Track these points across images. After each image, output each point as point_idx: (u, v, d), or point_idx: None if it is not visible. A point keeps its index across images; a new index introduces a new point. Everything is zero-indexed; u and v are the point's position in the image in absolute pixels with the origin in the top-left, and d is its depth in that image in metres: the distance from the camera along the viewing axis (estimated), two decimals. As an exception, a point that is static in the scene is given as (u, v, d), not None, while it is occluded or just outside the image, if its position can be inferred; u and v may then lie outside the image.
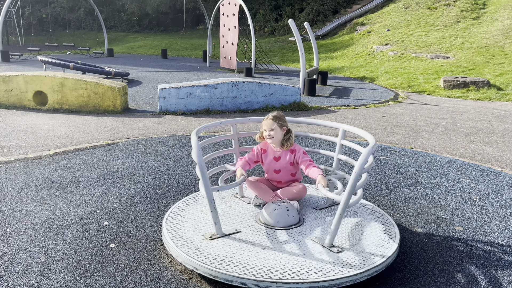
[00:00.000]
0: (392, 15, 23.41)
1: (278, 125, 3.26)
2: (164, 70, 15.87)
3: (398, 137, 6.62)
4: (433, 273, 2.77)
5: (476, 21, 19.61)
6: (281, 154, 3.37)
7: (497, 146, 6.18)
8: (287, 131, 3.32)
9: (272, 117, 3.28)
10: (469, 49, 16.38)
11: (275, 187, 3.46)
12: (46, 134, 6.06)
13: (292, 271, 2.45)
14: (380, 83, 13.67)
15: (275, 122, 3.25)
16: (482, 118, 8.33)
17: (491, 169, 5.04)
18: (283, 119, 3.31)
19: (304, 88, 11.10)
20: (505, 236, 3.32)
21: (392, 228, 3.10)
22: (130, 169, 4.63)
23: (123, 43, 30.16)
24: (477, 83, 11.99)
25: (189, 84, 8.11)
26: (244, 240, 2.82)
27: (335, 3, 29.38)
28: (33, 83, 7.80)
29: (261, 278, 2.37)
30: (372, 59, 18.19)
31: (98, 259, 2.80)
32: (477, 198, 4.12)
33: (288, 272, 2.43)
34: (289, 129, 3.34)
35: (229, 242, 2.78)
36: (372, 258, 2.64)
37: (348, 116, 8.21)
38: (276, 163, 3.38)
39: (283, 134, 3.30)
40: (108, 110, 7.88)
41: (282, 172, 3.41)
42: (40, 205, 3.63)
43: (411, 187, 4.36)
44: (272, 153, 3.39)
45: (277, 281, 2.35)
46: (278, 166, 3.38)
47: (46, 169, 4.54)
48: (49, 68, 13.21)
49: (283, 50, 23.60)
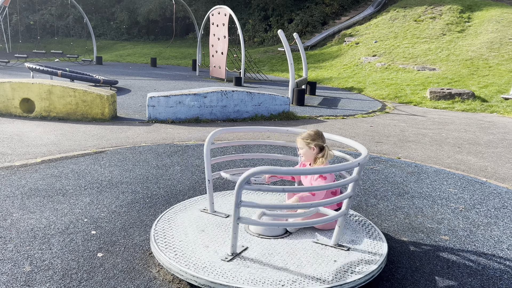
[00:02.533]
0: (379, 27, 23.77)
1: (305, 144, 3.23)
2: (153, 79, 15.84)
3: (385, 147, 6.70)
4: (420, 282, 2.79)
5: (461, 34, 20.02)
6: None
7: (482, 157, 6.29)
8: (320, 149, 3.24)
9: (300, 137, 3.27)
10: (454, 61, 16.69)
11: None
12: (33, 142, 5.99)
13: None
14: (368, 94, 13.82)
15: (303, 141, 3.24)
16: (467, 129, 8.47)
17: (476, 179, 5.12)
18: (311, 138, 3.23)
19: (293, 98, 11.17)
20: (490, 246, 3.37)
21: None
22: (118, 178, 4.59)
23: (112, 51, 30.04)
24: (463, 95, 12.21)
25: (178, 93, 8.11)
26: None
27: (323, 14, 29.75)
28: (20, 90, 7.72)
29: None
30: (360, 70, 18.41)
31: (85, 269, 2.77)
32: (463, 208, 4.18)
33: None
34: (324, 146, 3.24)
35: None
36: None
37: (336, 126, 8.28)
38: (304, 179, 3.39)
39: (315, 153, 3.23)
40: (97, 118, 7.82)
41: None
42: (26, 213, 3.58)
43: (398, 197, 4.41)
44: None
45: None
46: (305, 183, 3.38)
47: (32, 177, 4.48)
48: (37, 76, 13.07)
49: (272, 60, 23.76)
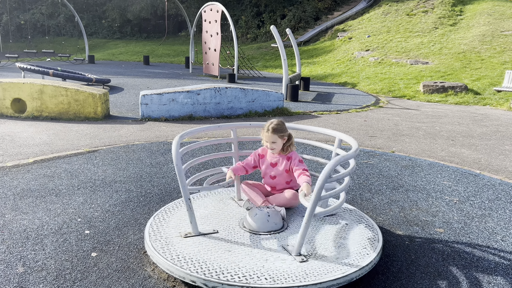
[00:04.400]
0: (372, 22, 23.79)
1: (279, 137, 3.19)
2: (146, 77, 15.76)
3: (379, 141, 6.71)
4: (415, 275, 2.79)
5: (453, 28, 20.09)
6: (278, 160, 3.32)
7: (475, 149, 6.31)
8: (288, 137, 3.26)
9: (272, 131, 3.17)
10: (447, 55, 16.74)
11: (269, 193, 3.44)
12: (25, 142, 5.93)
13: (244, 274, 2.46)
14: (362, 89, 13.84)
15: (276, 135, 3.18)
16: (460, 122, 8.51)
17: (470, 172, 5.14)
18: (283, 129, 3.21)
19: (287, 94, 11.16)
20: (484, 237, 3.39)
21: (374, 236, 3.12)
22: (111, 177, 4.56)
23: (104, 49, 29.86)
24: (455, 88, 12.26)
25: (171, 90, 8.06)
26: (218, 239, 2.88)
27: (316, 9, 29.73)
28: (11, 90, 7.64)
29: (209, 278, 2.42)
30: (353, 64, 18.43)
31: (79, 269, 2.75)
32: (457, 200, 4.19)
33: (239, 275, 2.45)
34: (290, 134, 3.27)
35: (202, 242, 2.84)
36: (339, 268, 2.57)
37: (330, 121, 8.28)
38: (272, 169, 3.35)
39: (284, 143, 3.25)
40: (89, 117, 7.77)
41: (277, 179, 3.37)
42: (18, 214, 3.54)
43: (393, 190, 4.41)
44: (269, 158, 3.36)
45: (223, 283, 2.38)
46: (274, 172, 3.35)
47: (24, 177, 4.44)
48: (28, 75, 12.97)
49: (266, 56, 23.73)
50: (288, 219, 3.23)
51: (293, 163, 3.28)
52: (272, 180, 3.39)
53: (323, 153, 5.77)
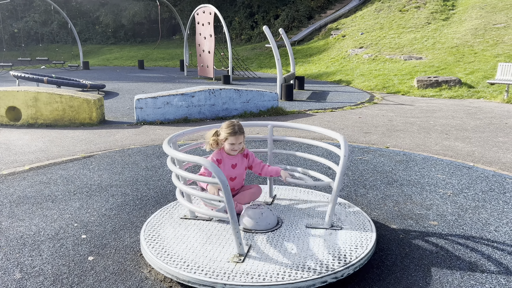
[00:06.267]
0: (365, 19, 23.86)
1: (243, 136, 3.21)
2: (141, 81, 15.77)
3: (374, 137, 6.74)
4: (409, 268, 2.82)
5: (446, 22, 20.17)
6: (237, 161, 3.28)
7: (469, 142, 6.36)
8: None
9: (242, 131, 3.18)
10: (440, 49, 16.81)
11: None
12: (21, 150, 5.95)
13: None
14: (356, 86, 13.89)
15: (243, 135, 3.19)
16: (454, 115, 8.55)
17: (464, 164, 5.18)
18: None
19: (282, 93, 11.19)
20: (478, 228, 3.42)
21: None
22: (107, 181, 4.58)
23: (98, 55, 29.85)
24: (449, 82, 12.31)
25: (166, 93, 8.08)
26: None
27: (309, 9, 29.79)
28: (5, 98, 7.65)
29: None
30: (348, 62, 18.48)
31: (76, 273, 2.77)
32: (451, 193, 4.22)
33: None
34: None
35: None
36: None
37: (325, 119, 8.31)
38: (233, 171, 3.28)
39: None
40: (85, 123, 7.78)
41: (237, 179, 3.33)
42: (15, 221, 3.55)
43: (387, 185, 4.45)
44: (228, 161, 3.25)
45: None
46: (234, 174, 3.29)
47: (20, 185, 4.45)
48: (23, 83, 12.97)
49: (260, 57, 23.76)
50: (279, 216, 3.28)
51: (251, 159, 3.37)
52: (232, 181, 3.31)
53: (317, 151, 5.79)
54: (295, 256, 2.69)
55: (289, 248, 2.79)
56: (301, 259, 2.65)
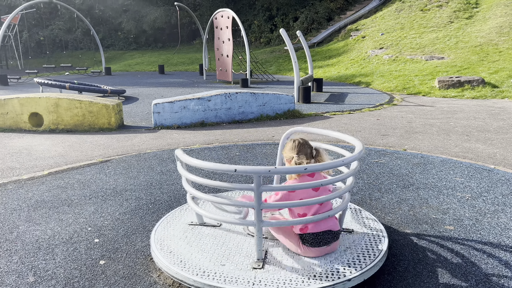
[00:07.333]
0: (385, 19, 23.54)
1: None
2: (161, 86, 15.97)
3: (391, 139, 6.62)
4: (422, 274, 2.75)
5: (469, 21, 19.69)
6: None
7: (491, 144, 6.17)
8: None
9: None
10: (463, 49, 16.41)
11: None
12: (41, 155, 6.10)
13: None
14: (376, 87, 13.70)
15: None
16: (476, 116, 8.33)
17: (484, 167, 5.03)
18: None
19: (299, 96, 11.14)
20: (496, 233, 3.31)
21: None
22: (122, 185, 4.64)
23: (120, 61, 30.41)
24: (472, 82, 12.00)
25: (182, 98, 8.16)
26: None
27: (328, 10, 29.60)
28: (28, 105, 7.87)
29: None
30: (367, 63, 18.26)
31: (87, 277, 2.81)
32: (469, 197, 4.10)
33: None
34: None
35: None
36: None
37: (342, 122, 8.22)
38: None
39: None
40: (104, 128, 7.92)
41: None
42: (31, 225, 3.64)
43: (403, 189, 4.35)
44: None
45: None
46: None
47: (39, 189, 4.56)
48: (47, 90, 13.32)
49: (279, 60, 23.71)
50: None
51: None
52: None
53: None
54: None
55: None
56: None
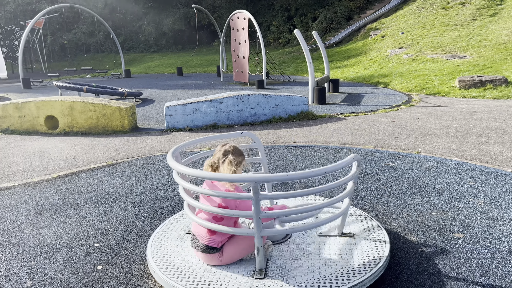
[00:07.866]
0: (406, 18, 23.10)
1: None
2: (178, 88, 16.06)
3: (405, 141, 6.45)
4: (425, 284, 2.64)
5: (493, 18, 19.12)
6: None
7: (509, 146, 5.93)
8: None
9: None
10: (486, 47, 15.93)
11: None
12: (53, 158, 6.19)
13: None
14: (394, 87, 13.42)
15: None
16: (497, 117, 8.03)
17: (500, 171, 4.82)
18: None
19: (314, 97, 11.00)
20: (508, 242, 3.15)
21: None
22: (128, 189, 4.65)
23: (141, 63, 30.80)
24: (494, 81, 11.61)
25: (194, 100, 8.16)
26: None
27: (348, 10, 29.26)
28: (44, 108, 8.02)
29: None
30: (387, 63, 17.93)
31: (83, 282, 2.80)
32: (482, 202, 3.93)
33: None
34: None
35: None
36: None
37: (356, 123, 8.06)
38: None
39: None
40: (117, 130, 8.00)
41: None
42: (36, 229, 3.67)
43: (413, 194, 4.21)
44: None
45: None
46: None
47: (47, 192, 4.61)
48: (66, 93, 13.57)
49: (297, 60, 23.55)
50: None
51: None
52: None
53: (343, 156, 5.61)
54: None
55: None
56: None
